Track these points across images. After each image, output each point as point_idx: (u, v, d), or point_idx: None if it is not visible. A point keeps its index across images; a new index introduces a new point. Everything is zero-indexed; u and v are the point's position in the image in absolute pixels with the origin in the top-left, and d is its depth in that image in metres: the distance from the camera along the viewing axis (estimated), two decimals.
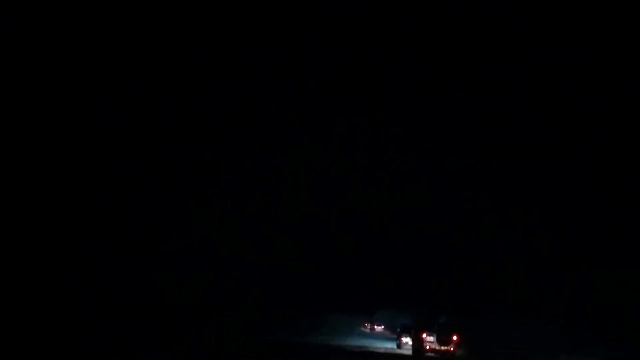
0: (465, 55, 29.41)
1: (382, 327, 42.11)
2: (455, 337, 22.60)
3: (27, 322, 16.05)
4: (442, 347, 22.52)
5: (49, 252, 20.44)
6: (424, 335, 22.91)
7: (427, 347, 22.70)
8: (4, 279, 17.31)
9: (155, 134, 26.02)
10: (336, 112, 30.74)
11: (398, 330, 28.45)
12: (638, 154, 23.31)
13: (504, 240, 28.07)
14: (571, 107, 26.32)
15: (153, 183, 26.64)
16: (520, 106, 27.97)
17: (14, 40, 19.40)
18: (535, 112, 28.65)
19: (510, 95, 28.56)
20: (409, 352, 24.43)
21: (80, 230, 22.59)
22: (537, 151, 26.22)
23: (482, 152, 29.79)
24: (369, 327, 44.77)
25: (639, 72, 23.72)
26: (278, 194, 33.98)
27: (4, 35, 18.88)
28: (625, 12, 23.26)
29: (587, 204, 23.38)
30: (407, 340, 25.82)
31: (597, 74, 25.00)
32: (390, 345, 27.57)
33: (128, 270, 24.51)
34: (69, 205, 22.22)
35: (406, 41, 29.25)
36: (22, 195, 20.04)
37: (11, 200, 19.86)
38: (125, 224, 25.11)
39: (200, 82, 26.80)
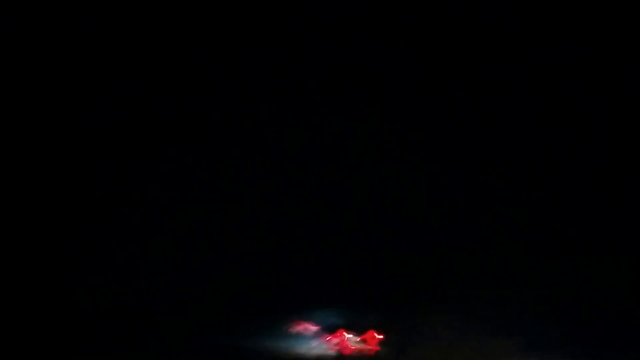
0: (465, 55, 29.49)
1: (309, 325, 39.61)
2: (375, 336, 21.11)
3: None
4: (359, 347, 21.06)
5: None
6: (343, 335, 21.36)
7: (347, 349, 21.05)
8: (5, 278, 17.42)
9: (155, 133, 26.05)
10: (336, 112, 30.78)
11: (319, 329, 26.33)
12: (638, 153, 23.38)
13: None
14: (571, 108, 26.40)
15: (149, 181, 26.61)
16: (520, 106, 28.00)
17: (14, 40, 19.52)
18: (535, 112, 28.73)
19: (510, 96, 28.62)
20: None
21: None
22: (535, 152, 26.21)
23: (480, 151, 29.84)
24: (299, 327, 42.20)
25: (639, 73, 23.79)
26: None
27: (4, 36, 19.00)
28: (625, 13, 23.34)
29: (584, 204, 23.35)
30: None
31: (597, 75, 25.08)
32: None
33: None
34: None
35: (406, 41, 29.34)
36: (20, 195, 20.13)
37: (11, 199, 19.97)
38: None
39: (200, 83, 26.85)
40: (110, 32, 22.55)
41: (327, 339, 21.57)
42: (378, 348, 20.88)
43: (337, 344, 21.21)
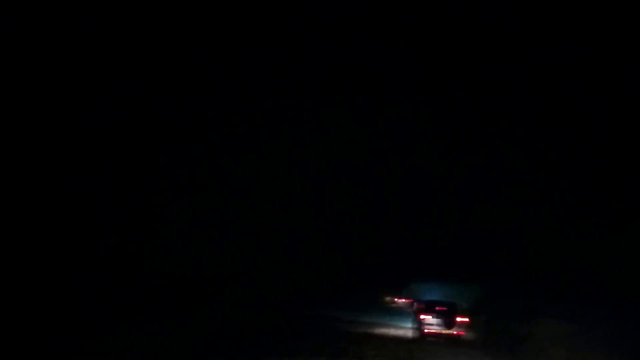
0: (465, 55, 29.44)
1: (405, 300, 38.69)
2: (461, 319, 20.14)
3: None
4: (445, 331, 19.89)
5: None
6: (423, 316, 20.44)
7: (427, 331, 20.14)
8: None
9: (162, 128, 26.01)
10: (336, 111, 30.80)
11: (414, 306, 24.10)
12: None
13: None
14: (571, 107, 26.35)
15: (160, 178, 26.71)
16: (520, 106, 27.97)
17: (14, 40, 19.44)
18: (535, 112, 28.70)
19: (510, 95, 28.59)
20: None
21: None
22: (536, 151, 26.09)
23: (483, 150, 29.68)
24: (395, 301, 41.79)
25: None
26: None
27: (4, 35, 18.92)
28: (625, 12, 23.26)
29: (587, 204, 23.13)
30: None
31: (597, 74, 25.01)
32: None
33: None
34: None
35: (406, 41, 29.30)
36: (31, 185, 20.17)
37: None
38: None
39: (200, 82, 26.79)
40: (110, 32, 22.45)
41: (419, 317, 20.54)
42: (463, 332, 20.06)
43: (425, 324, 20.07)
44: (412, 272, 39.76)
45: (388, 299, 42.99)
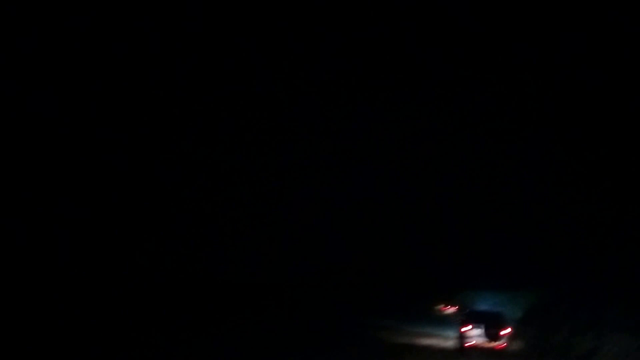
0: (466, 54, 29.24)
1: (453, 309, 37.86)
2: (506, 331, 18.86)
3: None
4: (488, 344, 18.61)
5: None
6: (464, 327, 19.12)
7: (468, 343, 18.86)
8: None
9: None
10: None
11: (462, 316, 22.19)
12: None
13: None
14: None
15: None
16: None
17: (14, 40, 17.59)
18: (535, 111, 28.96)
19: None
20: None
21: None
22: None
23: None
24: (445, 309, 40.87)
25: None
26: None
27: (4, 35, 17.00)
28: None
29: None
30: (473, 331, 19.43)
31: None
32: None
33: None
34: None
35: (406, 39, 28.82)
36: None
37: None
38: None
39: (200, 80, 25.48)
40: (110, 32, 20.72)
41: (463, 329, 19.07)
42: (504, 344, 18.68)
43: (466, 336, 18.86)
44: (467, 280, 39.69)
45: (438, 307, 42.02)
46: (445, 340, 22.70)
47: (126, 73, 22.41)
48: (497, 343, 18.81)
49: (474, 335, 18.97)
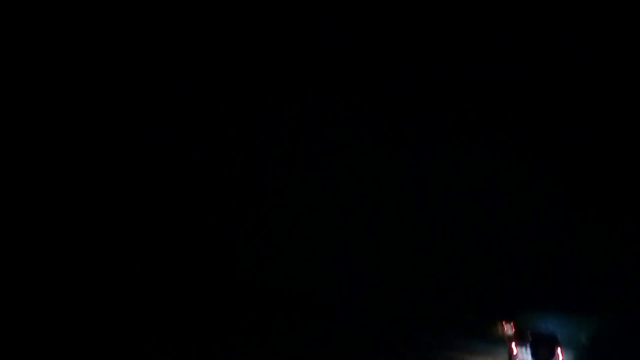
0: (467, 53, 29.23)
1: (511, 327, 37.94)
2: (557, 352, 17.52)
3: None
4: None
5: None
6: (515, 348, 18.23)
7: None
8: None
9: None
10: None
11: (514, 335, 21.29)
12: None
13: None
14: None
15: None
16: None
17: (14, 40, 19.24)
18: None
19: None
20: None
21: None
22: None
23: None
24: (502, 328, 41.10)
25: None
26: None
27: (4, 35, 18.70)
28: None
29: None
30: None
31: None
32: None
33: None
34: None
35: (407, 38, 29.08)
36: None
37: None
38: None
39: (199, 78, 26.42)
40: (110, 32, 22.15)
41: (510, 349, 18.37)
42: None
43: (518, 357, 17.95)
44: (535, 299, 38.40)
45: (498, 325, 41.43)
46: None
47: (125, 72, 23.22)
48: None
49: (523, 355, 18.01)
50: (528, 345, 17.62)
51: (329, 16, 26.40)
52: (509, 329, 33.48)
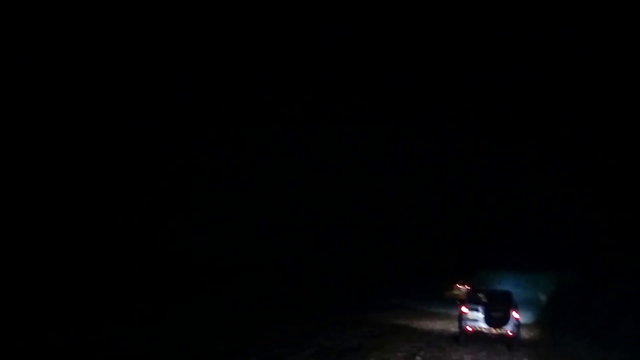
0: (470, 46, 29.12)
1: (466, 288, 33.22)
2: (512, 314, 14.99)
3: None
4: (494, 330, 15.04)
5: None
6: (465, 309, 15.63)
7: (469, 328, 15.41)
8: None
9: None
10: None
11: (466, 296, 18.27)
12: None
13: None
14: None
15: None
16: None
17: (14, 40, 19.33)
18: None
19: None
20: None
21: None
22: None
23: None
24: (456, 289, 36.92)
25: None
26: None
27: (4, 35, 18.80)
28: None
29: None
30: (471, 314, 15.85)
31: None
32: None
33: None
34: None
35: (409, 34, 29.01)
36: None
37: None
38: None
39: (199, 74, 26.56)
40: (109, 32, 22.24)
41: (463, 311, 15.67)
42: (514, 332, 15.00)
43: (467, 320, 15.51)
44: (489, 260, 36.63)
45: (454, 287, 37.76)
46: (450, 324, 20.55)
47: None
48: (502, 330, 15.20)
49: (474, 318, 15.55)
50: (481, 307, 15.47)
51: (329, 16, 26.42)
52: (463, 291, 33.01)
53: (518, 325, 15.45)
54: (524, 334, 18.18)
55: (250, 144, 30.22)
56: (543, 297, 26.18)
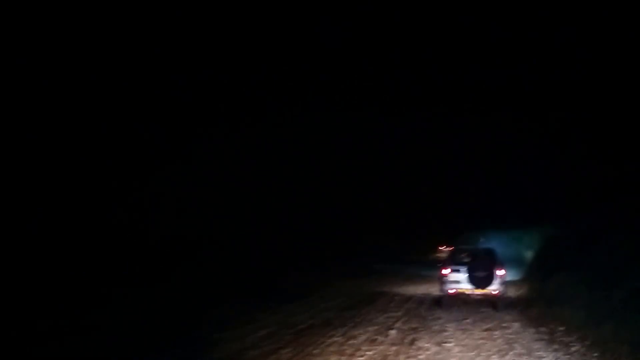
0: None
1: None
2: (497, 274, 14.15)
3: None
4: (477, 291, 14.29)
5: None
6: (445, 270, 14.83)
7: (451, 290, 14.73)
8: None
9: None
10: None
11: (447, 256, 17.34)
12: None
13: None
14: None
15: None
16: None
17: (14, 40, 19.31)
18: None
19: None
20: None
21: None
22: None
23: None
24: (440, 250, 37.03)
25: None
26: None
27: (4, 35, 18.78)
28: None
29: None
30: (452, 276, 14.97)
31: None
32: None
33: None
34: None
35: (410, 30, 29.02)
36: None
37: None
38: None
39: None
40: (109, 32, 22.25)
41: (443, 272, 14.92)
42: (500, 291, 14.33)
43: (448, 282, 14.77)
44: (473, 222, 35.78)
45: (435, 251, 38.34)
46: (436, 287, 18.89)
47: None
48: (486, 290, 14.30)
49: (459, 280, 14.64)
50: (464, 268, 14.51)
51: (329, 16, 26.44)
52: (448, 251, 32.33)
53: (504, 283, 14.60)
54: (512, 293, 17.42)
55: (250, 144, 30.16)
56: (529, 254, 25.47)
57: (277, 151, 30.85)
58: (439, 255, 36.49)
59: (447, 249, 33.88)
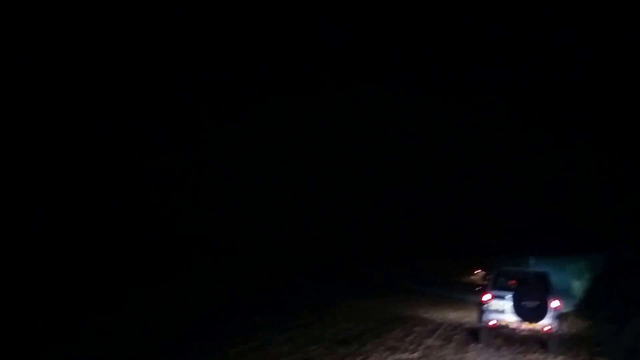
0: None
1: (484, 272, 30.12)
2: (552, 304, 11.08)
3: None
4: (525, 324, 11.16)
5: None
6: (486, 296, 11.72)
7: (492, 322, 11.47)
8: None
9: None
10: None
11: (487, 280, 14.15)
12: None
13: None
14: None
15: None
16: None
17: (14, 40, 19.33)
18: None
19: None
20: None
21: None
22: None
23: None
24: (475, 274, 34.05)
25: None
26: None
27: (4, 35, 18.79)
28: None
29: None
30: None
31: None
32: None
33: None
34: None
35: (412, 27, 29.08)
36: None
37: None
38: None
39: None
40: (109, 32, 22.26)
41: (483, 299, 11.68)
42: (553, 326, 11.05)
43: (489, 311, 11.55)
44: (510, 245, 32.40)
45: (470, 272, 34.63)
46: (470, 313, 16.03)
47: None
48: (536, 324, 11.22)
49: (499, 308, 11.56)
50: (510, 295, 11.47)
51: (329, 16, 26.49)
52: (482, 274, 29.03)
53: (559, 317, 11.46)
54: (565, 328, 13.71)
55: (251, 144, 30.20)
56: (577, 283, 24.39)
57: (276, 151, 30.87)
58: (474, 278, 33.44)
59: (482, 272, 31.30)
